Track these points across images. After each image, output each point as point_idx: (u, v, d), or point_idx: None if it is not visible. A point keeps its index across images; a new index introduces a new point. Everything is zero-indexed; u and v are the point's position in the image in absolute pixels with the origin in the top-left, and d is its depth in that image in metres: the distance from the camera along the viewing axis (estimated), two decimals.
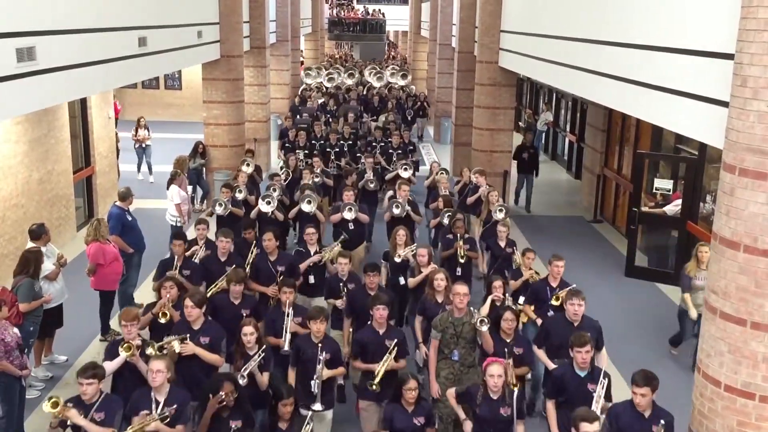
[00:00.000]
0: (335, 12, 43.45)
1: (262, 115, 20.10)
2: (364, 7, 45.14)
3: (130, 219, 10.16)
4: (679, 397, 7.13)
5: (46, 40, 8.11)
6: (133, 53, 10.94)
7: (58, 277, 8.62)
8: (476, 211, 11.91)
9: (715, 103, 6.56)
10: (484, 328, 6.55)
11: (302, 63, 35.19)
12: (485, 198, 11.43)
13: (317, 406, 6.43)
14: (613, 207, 15.53)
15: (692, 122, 7.29)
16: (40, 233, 8.62)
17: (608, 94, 9.80)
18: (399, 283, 8.91)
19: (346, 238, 9.59)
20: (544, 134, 23.17)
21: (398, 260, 8.90)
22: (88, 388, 5.51)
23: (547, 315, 7.71)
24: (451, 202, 11.61)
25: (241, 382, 6.06)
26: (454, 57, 20.23)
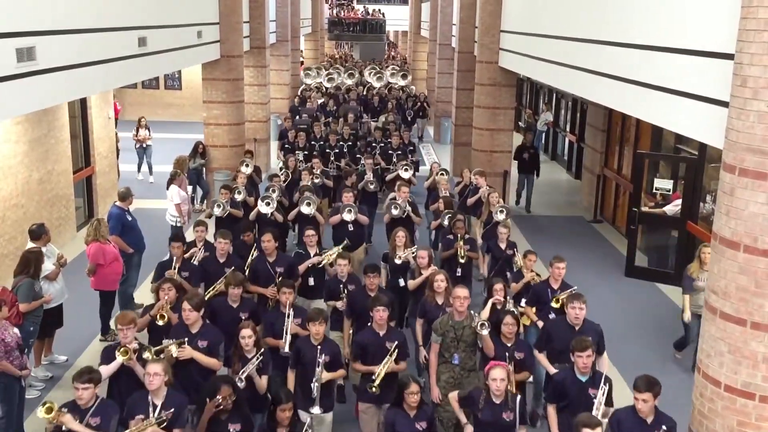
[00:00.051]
0: (335, 12, 43.44)
1: (262, 115, 20.10)
2: (364, 7, 45.11)
3: (130, 219, 10.17)
4: (680, 398, 7.14)
5: (46, 40, 8.11)
6: (132, 53, 10.94)
7: (58, 277, 8.62)
8: (477, 212, 11.90)
9: (715, 103, 6.56)
10: (485, 331, 6.50)
11: (302, 63, 35.17)
12: (485, 199, 11.41)
13: (316, 410, 6.38)
14: (613, 207, 15.53)
15: (692, 122, 7.28)
16: (40, 233, 8.61)
17: (608, 94, 9.80)
18: (398, 284, 8.88)
19: (348, 245, 9.57)
20: (544, 134, 23.16)
21: (399, 262, 8.87)
22: (84, 392, 5.44)
23: (548, 317, 7.64)
24: (452, 204, 11.58)
25: (239, 386, 6.01)
26: (454, 57, 20.23)
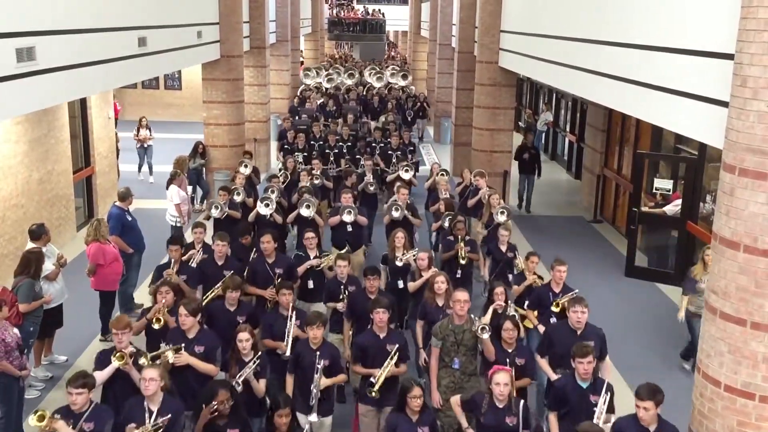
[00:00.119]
0: (335, 12, 43.41)
1: (262, 115, 20.10)
2: (364, 7, 45.09)
3: (130, 219, 10.17)
4: (679, 398, 7.13)
5: (46, 40, 8.11)
6: (132, 53, 10.94)
7: (58, 278, 8.62)
8: (477, 213, 11.86)
9: (715, 103, 6.56)
10: (485, 335, 6.44)
11: (302, 63, 35.18)
12: (486, 201, 11.37)
13: (313, 417, 6.30)
14: (613, 207, 15.52)
15: (692, 122, 7.28)
16: (40, 233, 8.61)
17: (608, 94, 9.79)
18: (398, 286, 8.84)
19: (349, 251, 9.54)
20: (544, 134, 23.16)
21: (400, 264, 8.83)
22: (78, 397, 5.39)
23: (549, 321, 7.56)
24: (453, 205, 11.52)
25: (237, 390, 5.95)
26: (454, 57, 20.23)
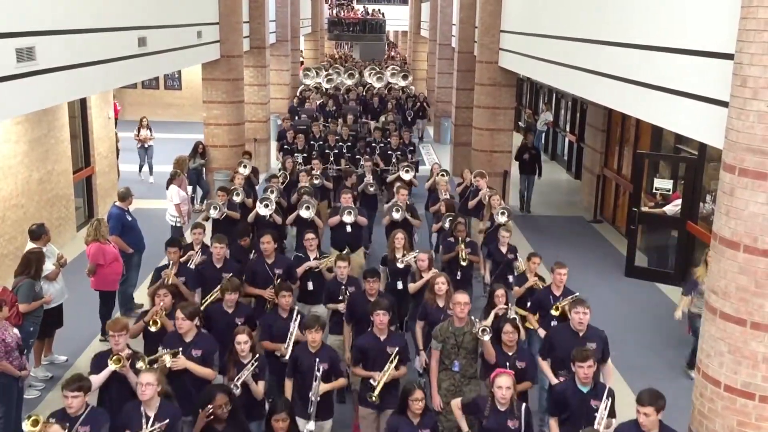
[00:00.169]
0: (335, 12, 43.41)
1: (262, 115, 20.10)
2: (364, 7, 45.09)
3: (130, 219, 10.17)
4: (680, 398, 7.13)
5: (46, 40, 8.11)
6: (132, 53, 10.94)
7: (58, 278, 8.62)
8: (478, 214, 11.84)
9: (715, 103, 6.56)
10: (486, 337, 6.39)
11: (302, 63, 35.18)
12: (486, 202, 11.34)
13: (311, 425, 6.22)
14: (613, 207, 15.53)
15: (692, 122, 7.28)
16: (40, 233, 8.61)
17: (608, 94, 9.79)
18: (397, 287, 8.81)
19: (348, 252, 9.52)
20: (543, 134, 23.16)
21: (401, 266, 8.80)
22: (74, 401, 5.35)
23: (550, 325, 7.50)
24: (453, 206, 11.49)
25: (235, 392, 5.91)
26: (454, 57, 20.23)
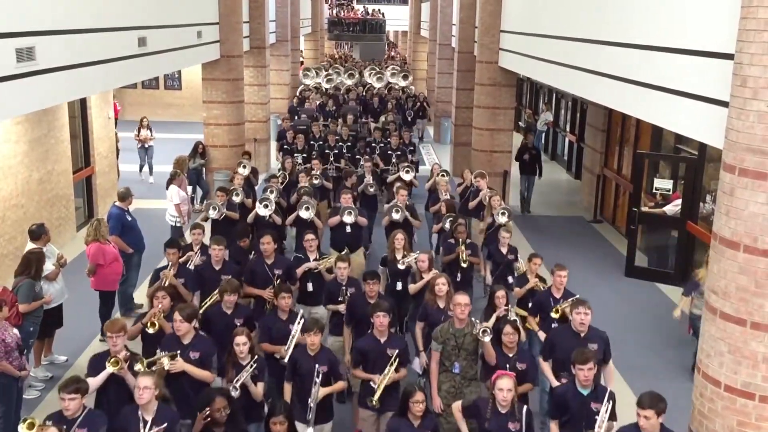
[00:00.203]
0: (335, 12, 43.41)
1: (262, 115, 20.10)
2: (364, 7, 45.10)
3: (130, 219, 10.17)
4: (680, 398, 7.13)
5: (46, 40, 8.11)
6: (132, 53, 10.94)
7: (58, 278, 8.61)
8: (479, 214, 11.83)
9: (715, 103, 6.56)
10: (487, 338, 6.37)
11: (302, 63, 35.18)
12: (487, 202, 11.33)
13: (310, 431, 6.17)
14: (613, 207, 15.53)
15: (692, 122, 7.28)
16: (39, 233, 8.61)
17: (608, 94, 9.79)
18: (396, 288, 8.79)
19: (348, 252, 9.51)
20: (544, 134, 23.16)
21: (402, 267, 8.77)
22: (71, 403, 5.30)
23: (551, 328, 7.47)
24: (454, 207, 11.47)
25: (234, 394, 5.88)
26: (454, 57, 20.23)
